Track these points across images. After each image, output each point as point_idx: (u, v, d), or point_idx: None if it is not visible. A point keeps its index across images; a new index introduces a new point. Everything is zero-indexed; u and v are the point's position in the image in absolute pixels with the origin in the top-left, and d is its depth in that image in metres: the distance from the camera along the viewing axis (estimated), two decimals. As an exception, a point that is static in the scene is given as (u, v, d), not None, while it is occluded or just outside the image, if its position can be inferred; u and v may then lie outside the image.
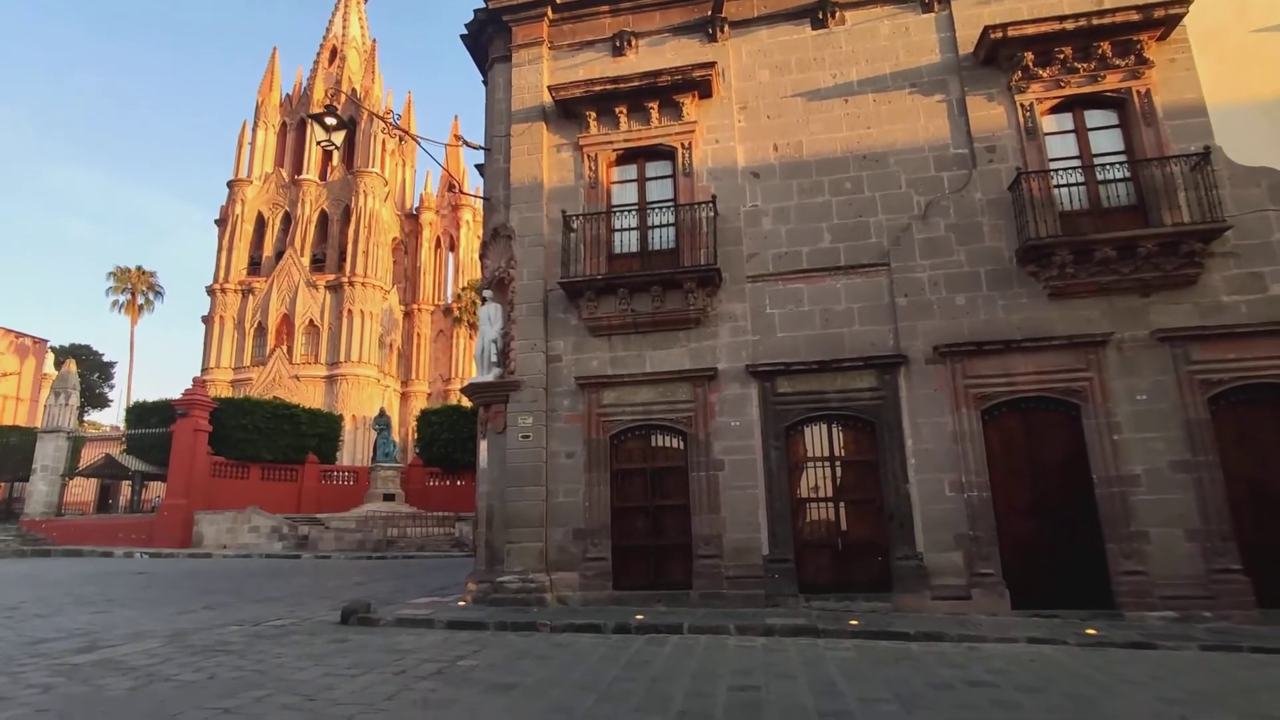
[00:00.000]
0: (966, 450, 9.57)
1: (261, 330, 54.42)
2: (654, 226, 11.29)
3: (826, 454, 10.17)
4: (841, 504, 9.99)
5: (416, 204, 66.92)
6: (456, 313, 57.31)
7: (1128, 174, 10.11)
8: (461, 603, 10.49)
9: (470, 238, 64.77)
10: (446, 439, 31.49)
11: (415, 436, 37.78)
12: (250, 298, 54.94)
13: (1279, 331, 9.13)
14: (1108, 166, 10.09)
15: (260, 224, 57.89)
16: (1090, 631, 7.99)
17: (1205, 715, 5.12)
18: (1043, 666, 6.72)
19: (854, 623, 8.46)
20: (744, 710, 5.21)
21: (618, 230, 11.39)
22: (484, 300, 11.82)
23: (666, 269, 10.64)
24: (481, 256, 12.79)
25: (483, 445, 11.22)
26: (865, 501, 9.92)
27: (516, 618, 9.12)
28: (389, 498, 29.22)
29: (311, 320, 54.57)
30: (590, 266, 10.98)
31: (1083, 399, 9.48)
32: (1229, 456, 9.11)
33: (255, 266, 56.64)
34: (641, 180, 11.65)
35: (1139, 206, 9.99)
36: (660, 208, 11.31)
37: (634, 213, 11.42)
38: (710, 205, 10.78)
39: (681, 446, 10.52)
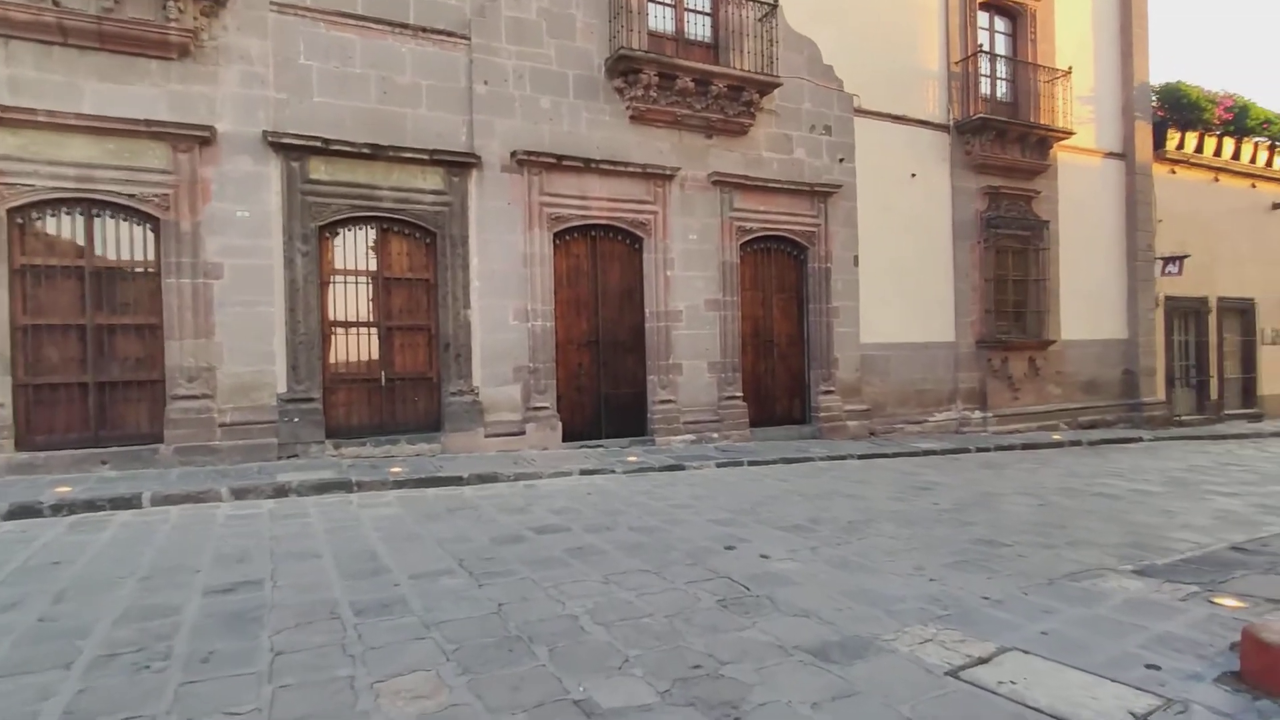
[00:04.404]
0: (535, 275, 8.59)
1: None
2: (104, -128, 6.83)
3: (373, 268, 8.04)
4: (389, 330, 8.11)
5: None
6: None
7: (710, 9, 9.90)
8: None
9: None
10: None
11: None
12: None
13: (796, 191, 10.28)
14: (697, -6, 9.69)
15: None
16: (632, 459, 8.09)
17: (748, 531, 5.17)
18: (600, 499, 6.31)
19: (397, 470, 6.95)
20: (228, 631, 3.23)
21: None
22: None
23: (126, -53, 6.58)
24: None
25: None
26: (418, 328, 8.24)
27: None
28: None
29: None
30: (-42, -101, 6.12)
31: (647, 232, 9.31)
32: (745, 298, 10.13)
33: None
34: None
35: (713, 45, 9.93)
36: None
37: None
38: None
39: (151, 238, 7.07)
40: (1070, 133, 12.47)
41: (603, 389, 9.16)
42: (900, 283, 11.21)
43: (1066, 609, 3.51)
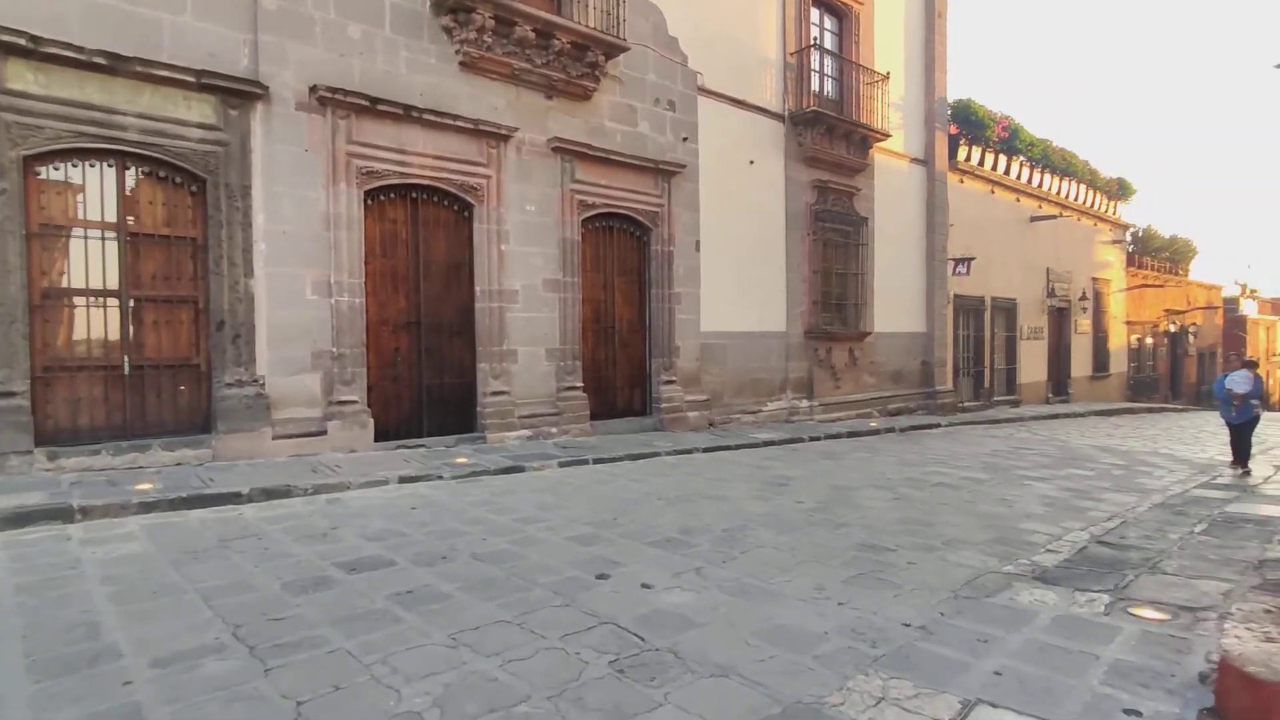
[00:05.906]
0: (341, 240, 7.07)
1: None
2: None
3: (112, 219, 6.08)
4: (137, 302, 6.19)
5: None
6: None
7: (552, -45, 8.87)
8: None
9: None
10: None
11: None
12: None
13: (640, 167, 9.60)
14: (538, -67, 8.59)
15: None
16: (461, 461, 6.95)
17: (617, 550, 4.38)
18: (430, 516, 5.17)
19: (146, 487, 5.23)
20: None
21: None
22: None
23: None
24: None
25: None
26: (180, 301, 6.40)
27: None
28: None
29: None
30: None
31: (478, 199, 8.12)
32: (586, 280, 9.30)
33: None
34: None
35: (555, -2, 8.93)
36: None
37: None
38: None
39: None
40: (887, 135, 13.10)
41: (424, 379, 7.85)
42: (738, 271, 11.02)
43: (1001, 635, 3.11)
